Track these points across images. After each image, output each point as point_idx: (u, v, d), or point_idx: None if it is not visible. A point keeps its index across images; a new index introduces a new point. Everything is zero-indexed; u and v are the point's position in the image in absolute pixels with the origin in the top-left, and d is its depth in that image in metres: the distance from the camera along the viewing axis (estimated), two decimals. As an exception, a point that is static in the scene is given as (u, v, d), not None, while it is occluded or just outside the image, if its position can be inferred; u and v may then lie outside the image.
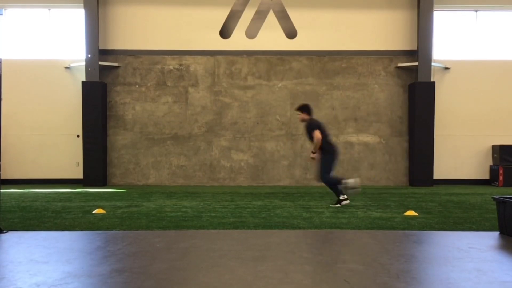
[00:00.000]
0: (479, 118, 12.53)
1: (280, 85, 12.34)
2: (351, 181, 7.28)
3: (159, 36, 12.33)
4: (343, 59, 12.36)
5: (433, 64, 12.17)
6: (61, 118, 12.37)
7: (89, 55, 11.87)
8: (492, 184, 12.33)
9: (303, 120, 7.51)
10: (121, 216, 6.28)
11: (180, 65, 12.35)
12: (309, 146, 12.31)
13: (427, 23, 12.04)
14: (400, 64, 12.28)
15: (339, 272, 3.41)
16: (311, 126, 7.33)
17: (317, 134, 7.14)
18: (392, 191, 10.26)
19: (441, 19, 12.69)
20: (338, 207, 7.16)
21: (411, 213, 6.51)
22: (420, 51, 12.02)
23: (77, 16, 12.37)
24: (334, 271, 3.47)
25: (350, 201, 7.37)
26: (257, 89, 12.33)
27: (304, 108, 7.51)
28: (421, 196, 9.18)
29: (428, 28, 12.06)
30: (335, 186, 7.31)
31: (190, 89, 12.34)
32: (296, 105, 8.12)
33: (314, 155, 7.36)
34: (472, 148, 12.57)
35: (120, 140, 12.28)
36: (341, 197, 7.22)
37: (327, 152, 7.28)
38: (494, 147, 12.44)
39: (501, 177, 11.97)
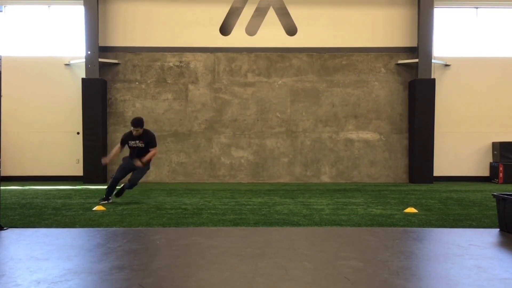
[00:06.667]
0: (479, 115, 12.52)
1: (280, 82, 12.33)
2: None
3: (159, 33, 12.31)
4: (343, 56, 12.34)
5: (433, 61, 12.15)
6: (61, 115, 12.36)
7: (89, 52, 11.85)
8: (492, 181, 12.34)
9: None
10: (121, 213, 6.28)
11: (180, 62, 12.34)
12: (309, 143, 12.33)
13: (428, 20, 12.01)
14: (400, 61, 12.26)
15: (339, 269, 3.41)
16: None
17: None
18: (392, 188, 10.26)
19: (441, 16, 12.66)
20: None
21: (411, 210, 6.51)
22: (420, 48, 12.00)
23: (77, 13, 12.34)
24: (334, 268, 3.47)
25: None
26: (257, 86, 12.32)
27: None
28: (421, 193, 9.19)
29: (429, 25, 12.03)
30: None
31: (190, 86, 12.33)
32: (296, 102, 8.07)
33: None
34: (472, 145, 12.57)
35: (120, 137, 12.24)
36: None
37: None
38: (494, 144, 12.44)
39: (501, 174, 11.97)
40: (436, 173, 12.06)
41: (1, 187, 7.42)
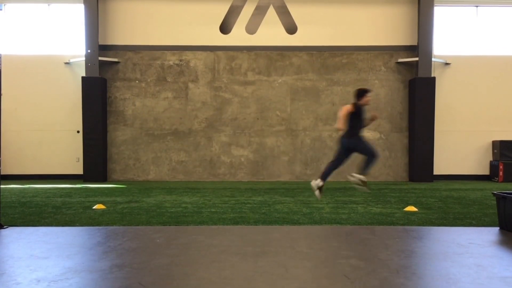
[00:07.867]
0: (479, 114, 12.52)
1: (280, 80, 12.32)
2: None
3: (159, 31, 12.31)
4: (343, 54, 12.33)
5: (433, 59, 12.14)
6: (61, 113, 12.37)
7: (88, 51, 11.85)
8: (492, 179, 12.34)
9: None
10: (121, 211, 6.28)
11: (180, 60, 12.33)
12: (309, 141, 12.33)
13: (428, 18, 12.00)
14: (400, 60, 12.25)
15: (339, 268, 3.42)
16: None
17: None
18: (392, 187, 10.26)
19: (441, 14, 12.64)
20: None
21: (411, 208, 6.52)
22: (420, 47, 11.99)
23: (77, 11, 12.33)
24: (334, 266, 3.47)
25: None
26: (257, 84, 12.31)
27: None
28: (421, 191, 9.19)
29: (429, 24, 12.02)
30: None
31: (190, 85, 12.32)
32: (296, 101, 8.14)
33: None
34: (472, 144, 12.57)
35: (120, 136, 12.27)
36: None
37: None
38: (494, 142, 12.44)
39: (501, 173, 11.98)
40: (436, 171, 12.06)
41: (1, 186, 7.43)
